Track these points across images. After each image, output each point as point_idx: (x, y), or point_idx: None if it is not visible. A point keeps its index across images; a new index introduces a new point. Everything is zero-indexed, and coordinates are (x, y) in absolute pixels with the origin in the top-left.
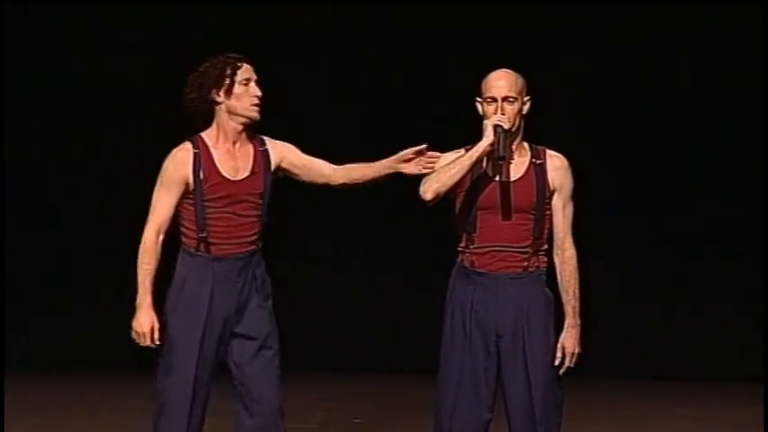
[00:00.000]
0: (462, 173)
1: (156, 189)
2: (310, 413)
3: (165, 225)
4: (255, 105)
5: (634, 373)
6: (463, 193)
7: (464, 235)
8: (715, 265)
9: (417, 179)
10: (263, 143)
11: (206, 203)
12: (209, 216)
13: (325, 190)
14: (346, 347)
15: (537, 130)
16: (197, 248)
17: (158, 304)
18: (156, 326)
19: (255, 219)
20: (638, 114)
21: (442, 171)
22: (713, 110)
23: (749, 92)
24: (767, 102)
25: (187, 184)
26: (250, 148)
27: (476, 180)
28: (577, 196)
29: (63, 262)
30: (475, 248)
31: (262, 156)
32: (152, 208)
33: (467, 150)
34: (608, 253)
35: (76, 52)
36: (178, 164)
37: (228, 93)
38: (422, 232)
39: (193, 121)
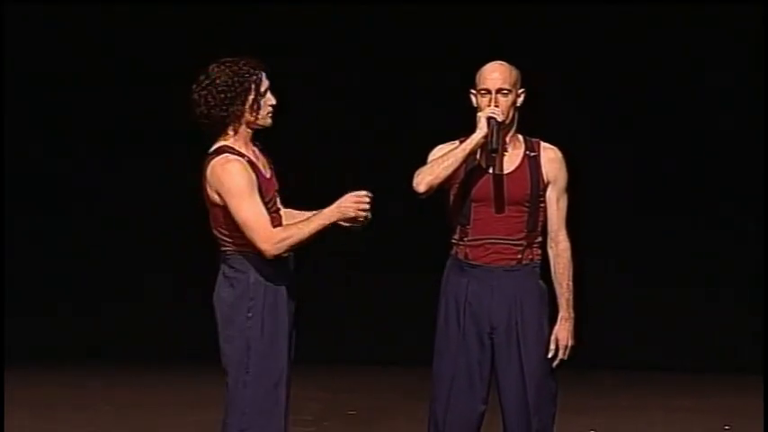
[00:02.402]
0: (456, 165)
1: (242, 203)
2: (305, 405)
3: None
4: (270, 114)
5: (632, 365)
6: (457, 186)
7: (458, 227)
8: (714, 257)
9: (410, 173)
10: (259, 144)
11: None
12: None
13: (322, 179)
14: (341, 340)
15: (536, 129)
16: None
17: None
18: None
19: (280, 211)
20: (637, 113)
21: (435, 163)
22: (713, 109)
23: (749, 91)
24: (767, 102)
25: None
26: (256, 149)
27: (470, 172)
28: (573, 189)
29: (63, 259)
30: (469, 241)
31: (269, 155)
32: (252, 221)
33: (461, 142)
34: (606, 246)
35: (76, 52)
36: (248, 171)
37: (254, 108)
38: (416, 225)
39: (209, 131)
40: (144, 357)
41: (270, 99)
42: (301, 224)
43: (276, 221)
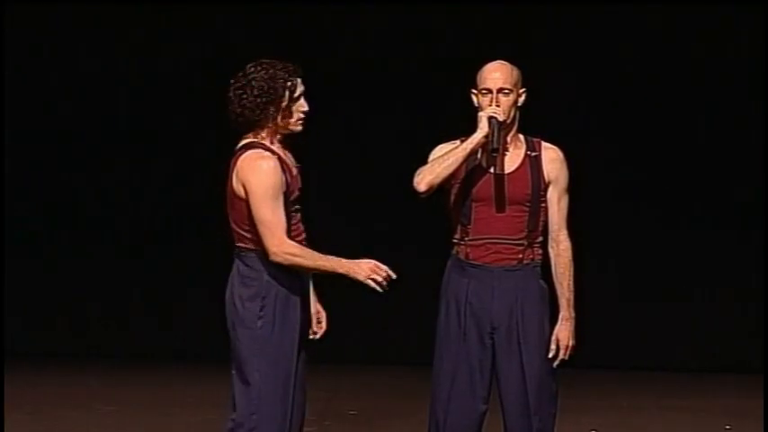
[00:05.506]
0: (457, 164)
1: (265, 202)
2: (306, 405)
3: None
4: (301, 120)
5: (632, 365)
6: (458, 185)
7: (459, 227)
8: (714, 256)
9: (411, 171)
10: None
11: (288, 205)
12: (290, 215)
13: (326, 180)
14: (343, 340)
15: (536, 128)
16: None
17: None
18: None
19: (301, 209)
20: (638, 112)
21: (436, 162)
22: (713, 109)
23: (749, 91)
24: (767, 98)
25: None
26: (286, 145)
27: (470, 172)
28: (573, 189)
29: (63, 259)
30: (470, 240)
31: (294, 154)
32: (269, 222)
33: (462, 142)
34: (606, 245)
35: (81, 53)
36: (278, 173)
37: (286, 113)
38: (417, 225)
39: (240, 128)
40: (144, 357)
41: (302, 105)
42: (316, 255)
43: (295, 220)
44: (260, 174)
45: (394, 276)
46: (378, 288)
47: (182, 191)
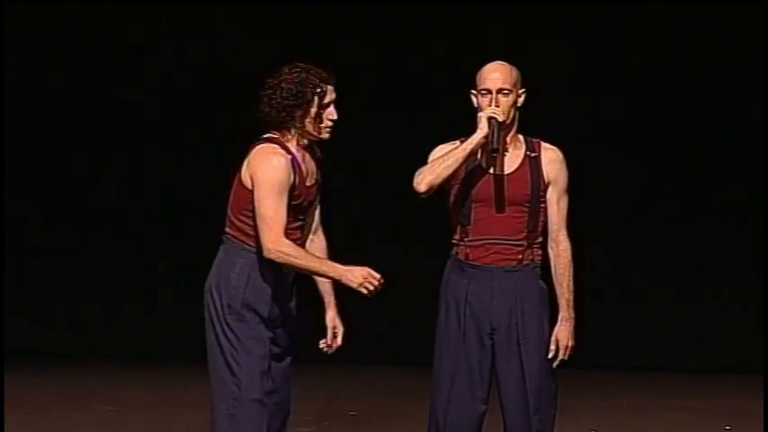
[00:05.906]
0: (456, 165)
1: (268, 198)
2: (306, 405)
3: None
4: (329, 128)
5: (632, 365)
6: (458, 186)
7: (458, 227)
8: (714, 256)
9: (411, 171)
10: (318, 153)
11: (289, 208)
12: (288, 219)
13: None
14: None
15: (537, 125)
16: None
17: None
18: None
19: (306, 222)
20: (638, 112)
21: (436, 163)
22: (713, 108)
23: (749, 91)
24: (767, 98)
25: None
26: (309, 156)
27: (470, 172)
28: (573, 189)
29: (63, 259)
30: (469, 241)
31: (321, 165)
32: (270, 218)
33: (461, 142)
34: (606, 245)
35: (81, 53)
36: (287, 171)
37: (315, 120)
38: (416, 225)
39: (267, 126)
40: (144, 357)
41: (331, 113)
42: (311, 257)
43: (293, 225)
44: (268, 169)
45: (382, 282)
46: (368, 294)
47: (182, 191)
